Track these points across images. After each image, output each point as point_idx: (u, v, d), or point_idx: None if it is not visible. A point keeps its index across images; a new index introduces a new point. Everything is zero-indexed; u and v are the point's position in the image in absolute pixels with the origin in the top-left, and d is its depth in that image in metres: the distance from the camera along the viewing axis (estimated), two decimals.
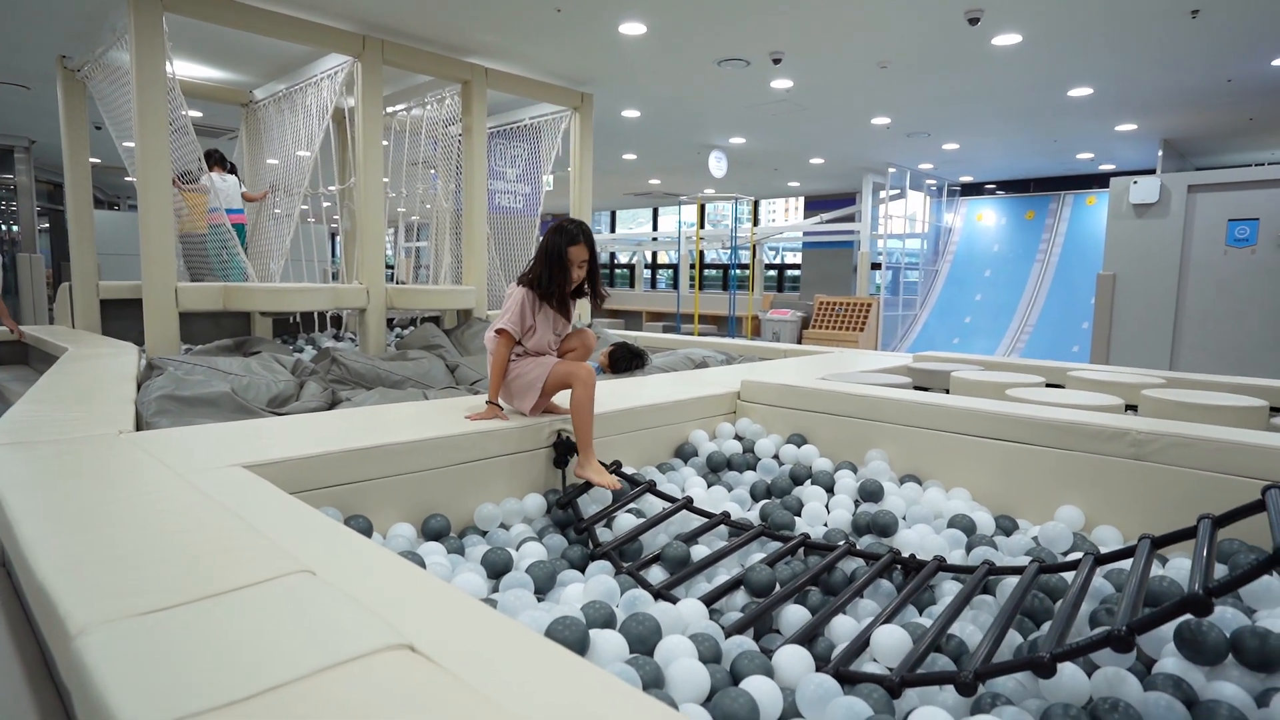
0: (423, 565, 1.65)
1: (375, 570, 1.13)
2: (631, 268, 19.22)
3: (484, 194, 6.22)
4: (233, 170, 6.17)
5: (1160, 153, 9.12)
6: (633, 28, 5.36)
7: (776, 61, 5.98)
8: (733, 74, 6.46)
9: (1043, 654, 1.15)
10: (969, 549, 2.01)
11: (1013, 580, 1.76)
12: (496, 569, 1.79)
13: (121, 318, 5.64)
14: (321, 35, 5.04)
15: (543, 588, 1.75)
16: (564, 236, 2.43)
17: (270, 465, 1.78)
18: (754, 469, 2.71)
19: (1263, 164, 9.89)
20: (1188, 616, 1.46)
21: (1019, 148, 10.12)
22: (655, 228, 18.63)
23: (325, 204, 6.75)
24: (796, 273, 16.54)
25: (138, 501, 1.42)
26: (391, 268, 9.25)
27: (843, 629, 1.56)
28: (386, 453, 2.05)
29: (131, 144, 4.53)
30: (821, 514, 2.28)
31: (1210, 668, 1.32)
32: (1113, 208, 7.43)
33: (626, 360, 4.12)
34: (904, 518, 2.25)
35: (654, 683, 1.23)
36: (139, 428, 2.68)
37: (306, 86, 5.81)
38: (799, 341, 11.48)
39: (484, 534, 2.12)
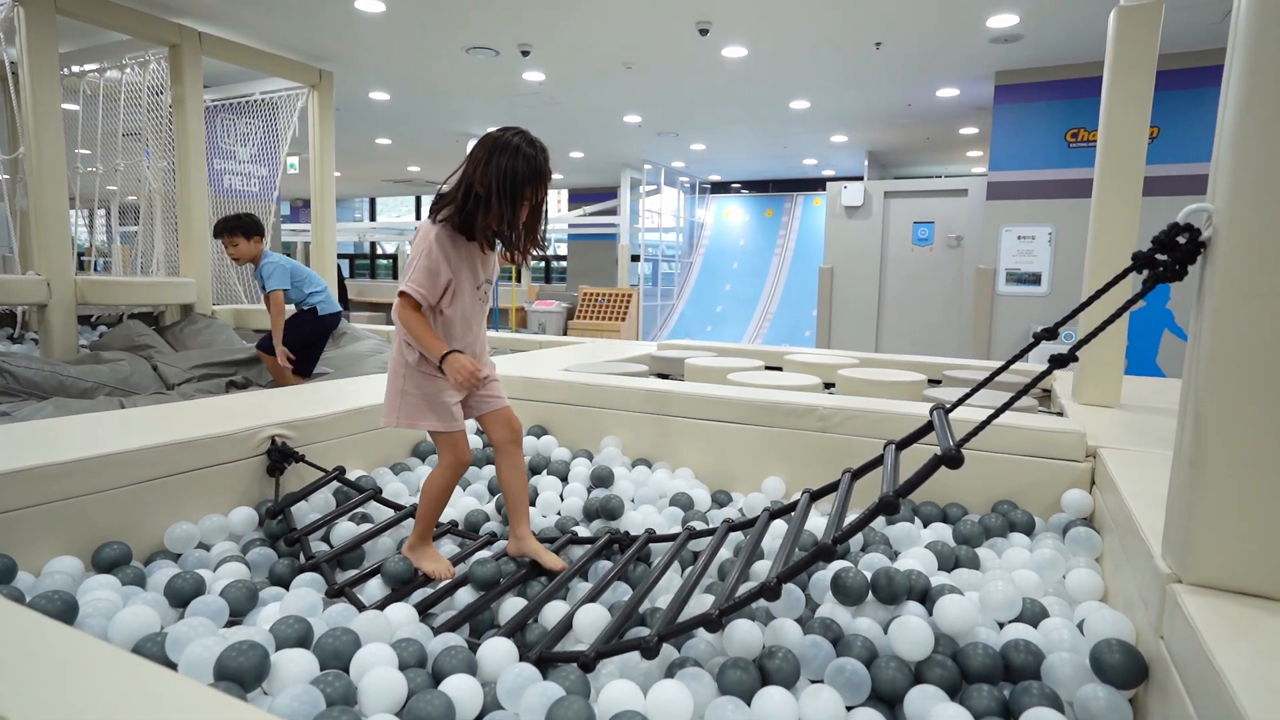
0: (74, 604, 1.43)
1: None
2: (394, 258, 18.36)
3: (202, 173, 5.52)
4: None
5: (866, 162, 10.55)
6: (370, 4, 5.05)
7: (525, 53, 5.99)
8: (484, 62, 6.36)
9: (711, 611, 1.28)
10: (684, 524, 2.17)
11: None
12: (183, 596, 1.59)
13: None
14: None
15: (242, 610, 1.60)
16: (527, 164, 1.60)
17: None
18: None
19: (940, 176, 11.86)
20: (845, 564, 1.73)
21: (756, 151, 11.14)
22: (418, 217, 17.87)
23: (3, 176, 5.57)
24: (564, 264, 16.80)
25: None
26: (84, 255, 7.90)
27: (558, 614, 1.60)
28: (41, 475, 1.74)
29: None
30: (556, 503, 2.33)
31: (855, 606, 1.56)
32: (829, 209, 8.47)
33: None
34: (632, 500, 2.38)
35: (343, 699, 1.17)
36: None
37: None
38: (564, 332, 11.67)
39: (176, 558, 1.89)
